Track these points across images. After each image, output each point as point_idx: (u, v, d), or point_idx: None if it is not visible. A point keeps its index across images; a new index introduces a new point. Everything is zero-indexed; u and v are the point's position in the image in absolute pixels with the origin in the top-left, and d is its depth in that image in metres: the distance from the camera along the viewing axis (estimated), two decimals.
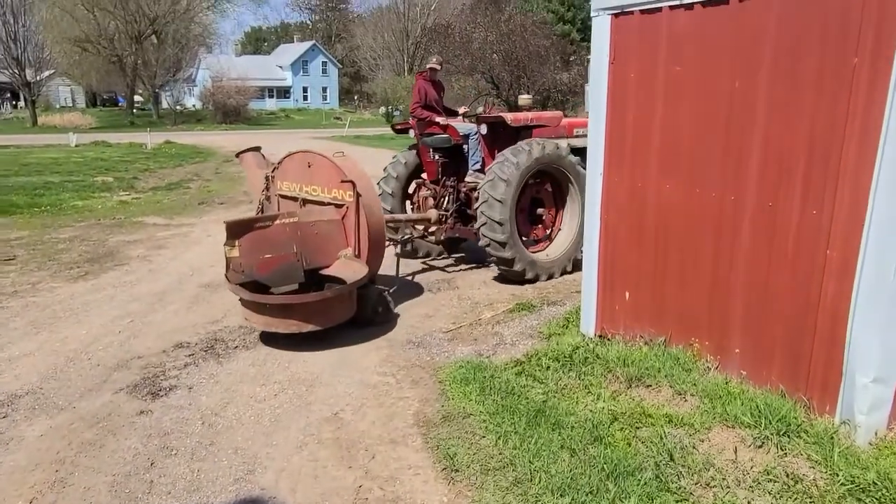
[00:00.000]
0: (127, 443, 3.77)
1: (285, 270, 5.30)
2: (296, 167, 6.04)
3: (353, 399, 4.37)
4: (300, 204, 5.99)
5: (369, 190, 5.71)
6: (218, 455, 3.67)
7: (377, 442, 3.82)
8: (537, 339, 5.35)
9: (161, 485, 3.37)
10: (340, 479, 3.45)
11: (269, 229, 5.31)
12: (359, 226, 5.58)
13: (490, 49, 33.19)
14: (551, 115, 7.94)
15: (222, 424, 4.01)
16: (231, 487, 3.37)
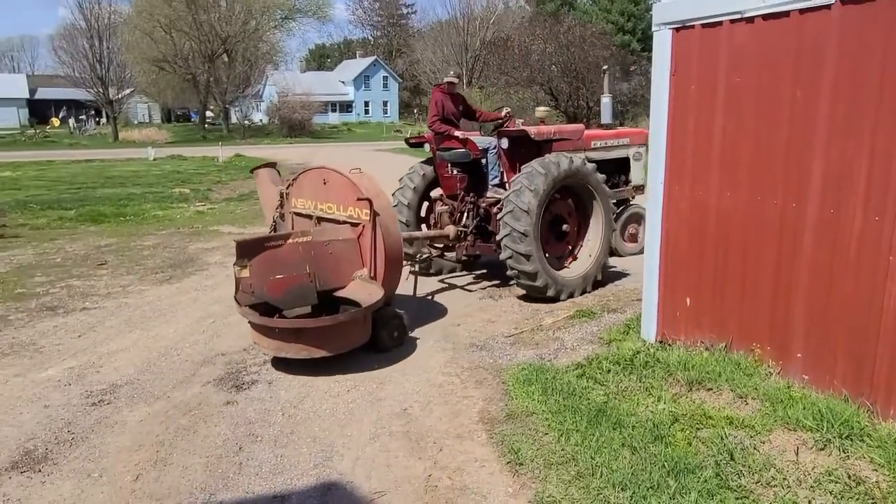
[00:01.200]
0: (217, 429, 4.12)
1: (298, 292, 5.11)
2: (311, 184, 5.85)
3: (420, 396, 4.61)
4: (315, 222, 5.80)
5: (386, 208, 5.47)
6: (298, 443, 3.97)
7: (444, 436, 4.05)
8: (598, 344, 5.47)
9: (249, 467, 3.69)
10: (411, 469, 3.69)
11: (281, 249, 5.16)
12: (375, 246, 5.33)
13: (549, 61, 33.26)
14: (573, 129, 7.69)
15: (300, 416, 4.32)
16: (312, 472, 3.65)
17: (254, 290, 4.99)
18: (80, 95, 47.93)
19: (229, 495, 3.40)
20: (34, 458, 3.78)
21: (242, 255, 4.96)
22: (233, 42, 47.86)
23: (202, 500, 3.35)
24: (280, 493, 3.43)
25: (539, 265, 6.45)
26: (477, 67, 56.62)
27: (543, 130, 7.12)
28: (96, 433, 4.07)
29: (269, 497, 3.40)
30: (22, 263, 8.79)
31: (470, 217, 7.36)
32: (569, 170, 6.62)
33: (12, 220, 12.13)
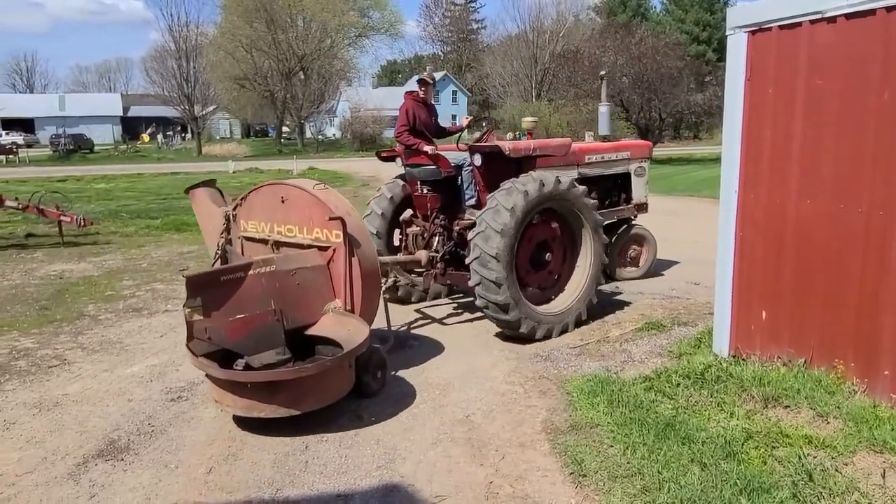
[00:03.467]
0: (285, 428, 4.23)
1: (262, 333, 4.35)
2: (265, 203, 5.02)
3: (483, 404, 4.60)
4: (271, 248, 5.01)
5: (360, 228, 4.79)
6: (362, 444, 4.03)
7: (506, 444, 4.02)
8: (667, 357, 5.31)
9: (314, 465, 3.78)
10: (472, 475, 3.68)
11: (241, 282, 4.41)
12: (350, 272, 4.62)
13: (620, 72, 32.74)
14: (558, 143, 6.71)
15: (364, 419, 4.39)
16: (374, 473, 3.70)
17: (210, 336, 4.15)
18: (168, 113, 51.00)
19: (295, 491, 3.49)
20: (118, 447, 4.01)
21: (194, 294, 4.13)
22: (309, 60, 49.61)
23: (269, 494, 3.46)
24: (344, 492, 3.50)
25: (511, 295, 5.55)
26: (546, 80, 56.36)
27: (520, 146, 6.22)
28: (174, 427, 4.28)
29: (334, 495, 3.47)
30: (112, 268, 9.37)
31: (441, 241, 6.53)
32: (553, 191, 5.79)
33: (105, 228, 12.95)
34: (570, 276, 6.33)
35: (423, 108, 6.64)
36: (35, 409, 4.55)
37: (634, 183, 7.80)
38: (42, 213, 11.09)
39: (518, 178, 5.76)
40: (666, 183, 21.51)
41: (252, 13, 47.16)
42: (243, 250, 5.18)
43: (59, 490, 3.53)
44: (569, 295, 6.23)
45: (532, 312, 5.79)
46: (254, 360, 4.29)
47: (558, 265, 6.33)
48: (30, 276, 8.89)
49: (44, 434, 4.18)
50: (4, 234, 12.15)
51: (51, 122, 60.89)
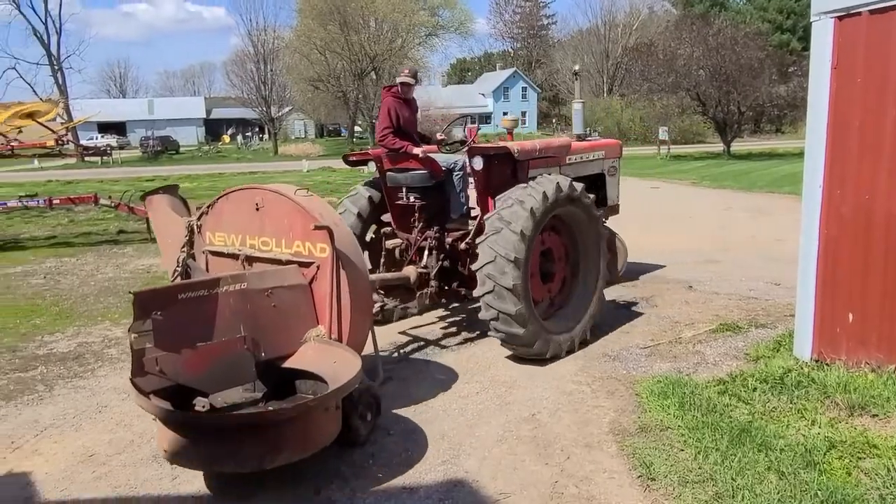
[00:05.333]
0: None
1: (229, 365, 3.61)
2: (236, 211, 4.31)
3: (549, 403, 4.56)
4: (242, 263, 4.27)
5: (350, 242, 4.12)
6: (427, 439, 4.08)
7: (572, 444, 3.97)
8: (743, 360, 5.10)
9: (381, 458, 3.85)
10: (537, 474, 3.66)
11: (203, 302, 3.63)
12: (338, 292, 3.89)
13: (696, 65, 31.61)
14: (561, 143, 6.13)
15: (431, 413, 4.44)
16: (439, 468, 3.74)
17: (161, 368, 3.38)
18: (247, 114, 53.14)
19: (361, 482, 3.57)
20: None
21: (143, 315, 3.34)
22: (380, 60, 50.41)
23: (337, 485, 3.55)
24: (408, 486, 3.55)
25: (533, 326, 5.04)
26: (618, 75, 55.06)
27: (527, 147, 5.59)
28: None
29: (399, 488, 3.53)
30: None
31: (434, 256, 5.83)
32: (568, 195, 5.24)
33: None
34: (574, 291, 5.78)
35: (405, 106, 5.97)
36: (124, 394, 4.84)
37: (608, 183, 7.11)
38: (132, 210, 11.78)
39: (521, 187, 5.17)
40: (746, 179, 20.64)
41: (326, 16, 48.36)
42: (208, 267, 4.47)
43: (144, 471, 3.75)
44: (574, 311, 5.64)
45: (542, 328, 5.19)
46: (218, 398, 3.64)
47: (562, 278, 5.76)
48: (121, 269, 9.46)
49: (131, 418, 4.44)
50: (98, 231, 12.99)
51: (141, 125, 64.50)
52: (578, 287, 5.79)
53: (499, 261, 4.87)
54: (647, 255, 9.26)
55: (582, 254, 5.78)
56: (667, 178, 22.22)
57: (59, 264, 9.87)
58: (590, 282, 5.75)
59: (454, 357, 5.50)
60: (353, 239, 4.18)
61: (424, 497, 3.44)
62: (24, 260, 10.38)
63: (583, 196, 5.48)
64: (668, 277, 8.04)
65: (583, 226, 5.66)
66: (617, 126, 50.56)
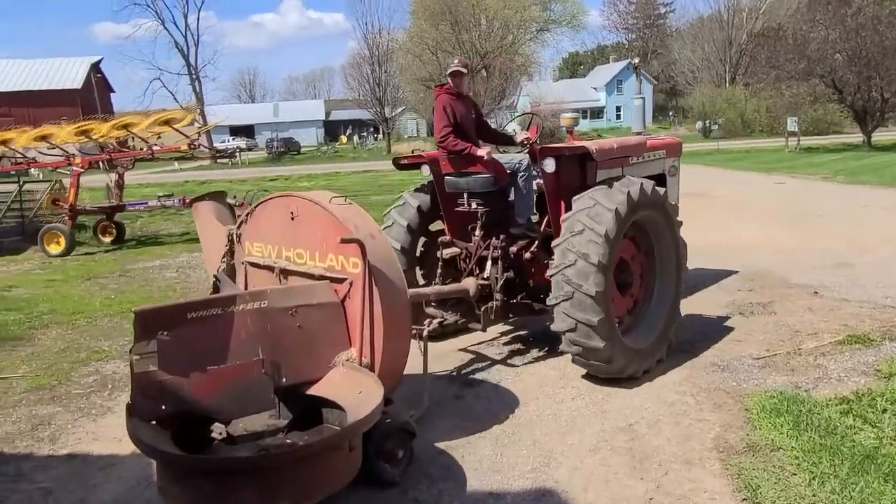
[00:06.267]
0: (444, 421, 4.36)
1: (244, 391, 3.32)
2: (273, 220, 4.04)
3: (648, 413, 4.36)
4: (277, 277, 4.00)
5: (387, 255, 3.72)
6: (518, 444, 4.03)
7: (671, 459, 3.77)
8: (873, 377, 4.63)
9: (470, 460, 3.85)
10: (631, 489, 3.51)
11: (217, 322, 3.35)
12: (370, 313, 3.53)
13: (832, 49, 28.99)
14: (636, 143, 5.75)
15: (524, 418, 4.38)
16: (528, 475, 3.68)
17: (166, 393, 3.13)
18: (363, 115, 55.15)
19: (449, 485, 3.58)
20: None
21: (146, 335, 3.11)
22: (491, 57, 50.49)
23: (425, 485, 3.58)
24: (496, 491, 3.52)
25: (614, 341, 4.60)
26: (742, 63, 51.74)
27: (605, 147, 5.19)
28: None
29: (486, 493, 3.51)
30: None
31: (497, 266, 5.33)
32: (651, 198, 4.88)
33: None
34: (651, 303, 5.29)
35: (460, 103, 5.48)
36: None
37: (669, 184, 6.47)
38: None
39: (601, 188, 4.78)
40: (889, 173, 18.68)
41: (438, 16, 49.10)
42: (247, 280, 4.24)
43: None
44: (651, 326, 5.17)
45: (624, 343, 4.74)
46: (239, 424, 3.43)
47: (638, 289, 5.28)
48: None
49: None
50: None
51: (266, 127, 68.67)
52: (655, 299, 5.29)
53: (580, 264, 4.46)
54: (767, 257, 8.64)
55: (659, 263, 5.30)
56: (795, 173, 20.57)
57: (191, 259, 10.71)
58: (667, 294, 5.28)
59: (553, 361, 5.38)
60: (390, 254, 3.79)
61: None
62: (162, 254, 11.39)
63: (665, 200, 5.12)
64: (790, 281, 7.44)
65: (661, 232, 5.21)
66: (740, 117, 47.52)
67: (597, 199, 4.65)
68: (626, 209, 4.64)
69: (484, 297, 5.27)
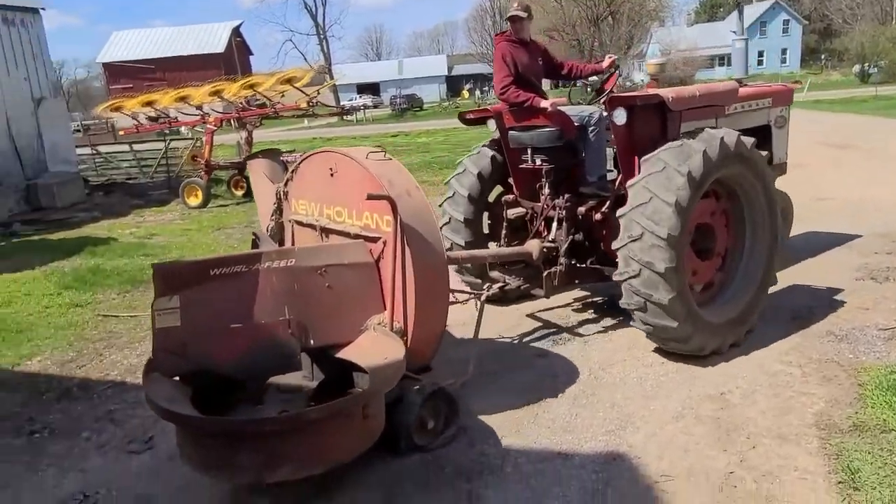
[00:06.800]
0: (523, 378, 4.31)
1: (269, 352, 3.27)
2: (314, 177, 3.94)
3: (743, 382, 4.05)
4: (319, 235, 3.94)
5: (422, 215, 3.50)
6: (596, 406, 3.90)
7: (762, 432, 3.49)
8: None
9: (543, 419, 3.78)
10: (711, 460, 3.29)
11: (241, 280, 3.28)
12: (402, 274, 3.38)
13: None
14: (725, 90, 4.93)
15: (606, 379, 4.23)
16: (601, 437, 3.56)
17: (187, 351, 3.12)
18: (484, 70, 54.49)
19: (517, 442, 3.55)
20: None
21: (168, 291, 3.11)
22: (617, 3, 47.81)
23: (493, 440, 3.57)
24: (565, 451, 3.44)
25: (689, 317, 4.12)
26: None
27: (684, 95, 4.51)
28: None
29: (554, 452, 3.44)
30: None
31: (563, 228, 4.94)
32: (736, 152, 4.28)
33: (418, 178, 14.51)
34: (738, 271, 4.75)
35: (522, 50, 5.01)
36: None
37: (775, 137, 5.72)
38: None
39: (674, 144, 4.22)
40: None
41: None
42: (293, 238, 4.19)
43: None
44: (738, 296, 4.64)
45: (700, 319, 4.25)
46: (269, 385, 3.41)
47: (723, 255, 4.75)
48: None
49: None
50: None
51: (391, 84, 69.97)
52: (743, 266, 4.74)
53: (646, 237, 4.01)
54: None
55: (749, 225, 4.72)
56: None
57: None
58: (758, 259, 4.69)
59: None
60: (426, 213, 3.54)
61: (579, 465, 3.31)
62: None
63: (754, 154, 4.48)
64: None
65: (752, 191, 4.59)
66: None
67: (666, 162, 4.10)
68: (702, 170, 4.06)
69: (549, 262, 4.92)
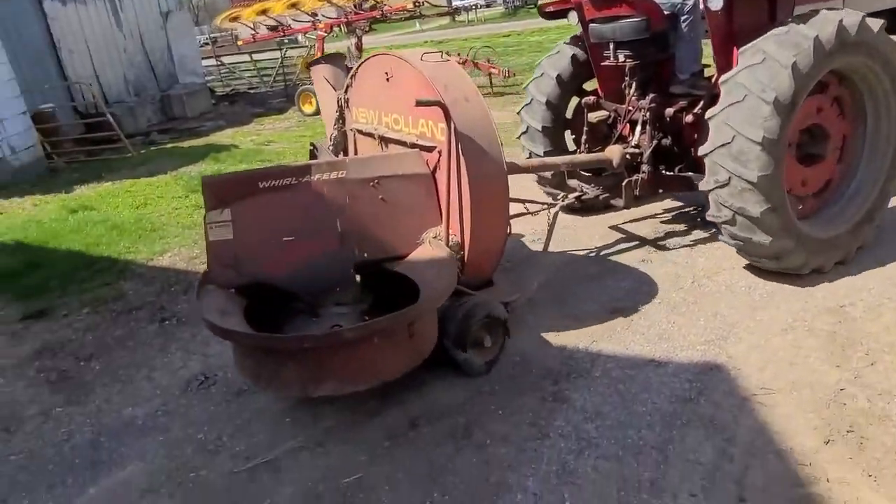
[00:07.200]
0: (621, 284, 4.17)
1: (320, 266, 3.25)
2: (372, 82, 3.73)
3: (870, 295, 3.69)
4: (379, 145, 3.78)
5: (481, 123, 3.24)
6: (697, 314, 3.72)
7: (884, 349, 3.20)
8: None
9: (639, 325, 3.67)
10: (820, 374, 3.08)
11: (292, 193, 3.24)
12: (458, 184, 3.19)
13: None
14: None
15: (710, 288, 4.00)
16: (699, 346, 3.41)
17: (240, 263, 3.15)
18: None
19: (609, 347, 3.49)
20: None
21: (219, 204, 3.13)
22: None
23: (584, 345, 3.53)
24: (658, 359, 3.34)
25: (785, 232, 3.65)
26: None
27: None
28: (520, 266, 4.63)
29: (646, 359, 3.35)
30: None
31: (647, 132, 4.44)
32: (858, 39, 3.61)
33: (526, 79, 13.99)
34: (852, 178, 4.15)
35: None
36: None
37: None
38: (476, 66, 12.58)
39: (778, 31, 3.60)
40: None
41: None
42: (356, 148, 4.07)
43: None
44: (850, 207, 4.08)
45: (799, 234, 3.75)
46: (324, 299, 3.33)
47: (835, 161, 4.12)
48: None
49: None
50: None
51: None
52: (860, 173, 4.14)
53: (738, 142, 3.53)
54: None
55: (870, 124, 4.07)
56: None
57: None
58: (878, 165, 4.08)
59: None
60: (486, 120, 3.28)
61: (671, 374, 3.21)
62: None
63: (881, 40, 3.77)
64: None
65: (877, 84, 3.92)
66: None
67: (767, 52, 3.52)
68: (811, 62, 3.47)
69: (632, 169, 4.50)
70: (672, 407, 2.97)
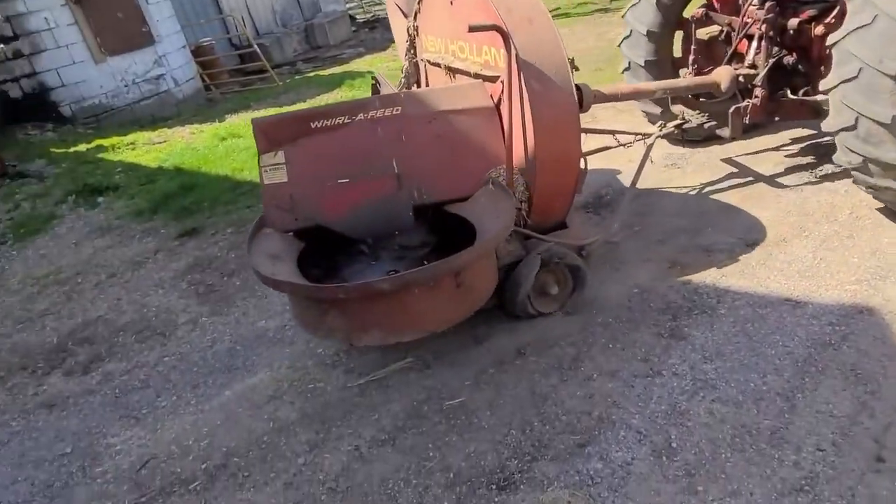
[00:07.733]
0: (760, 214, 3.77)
1: (377, 208, 3.04)
2: (438, 8, 3.41)
3: None
4: (447, 75, 3.45)
5: (547, 46, 2.86)
6: (851, 250, 3.29)
7: None
8: None
9: (777, 260, 3.31)
10: None
11: (345, 132, 3.02)
12: (522, 118, 2.87)
13: None
14: None
15: (871, 220, 3.51)
16: (849, 286, 3.03)
17: (295, 207, 3.02)
18: None
19: (740, 282, 3.19)
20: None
21: (271, 146, 3.01)
22: None
23: (711, 279, 3.25)
24: (796, 298, 3.01)
25: None
26: None
27: None
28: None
29: (783, 298, 3.03)
30: None
31: (763, 51, 3.76)
32: None
33: None
34: None
35: None
36: None
37: None
38: None
39: None
40: None
41: None
42: (427, 79, 3.78)
43: None
44: None
45: None
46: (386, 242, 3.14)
47: None
48: (600, 38, 9.66)
49: None
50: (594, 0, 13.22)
51: None
52: None
53: (866, 76, 2.94)
54: None
55: None
56: None
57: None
58: None
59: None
60: (553, 45, 2.91)
61: (811, 316, 2.88)
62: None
63: None
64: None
65: None
66: None
67: None
68: None
69: (745, 93, 3.94)
70: (807, 352, 2.68)
